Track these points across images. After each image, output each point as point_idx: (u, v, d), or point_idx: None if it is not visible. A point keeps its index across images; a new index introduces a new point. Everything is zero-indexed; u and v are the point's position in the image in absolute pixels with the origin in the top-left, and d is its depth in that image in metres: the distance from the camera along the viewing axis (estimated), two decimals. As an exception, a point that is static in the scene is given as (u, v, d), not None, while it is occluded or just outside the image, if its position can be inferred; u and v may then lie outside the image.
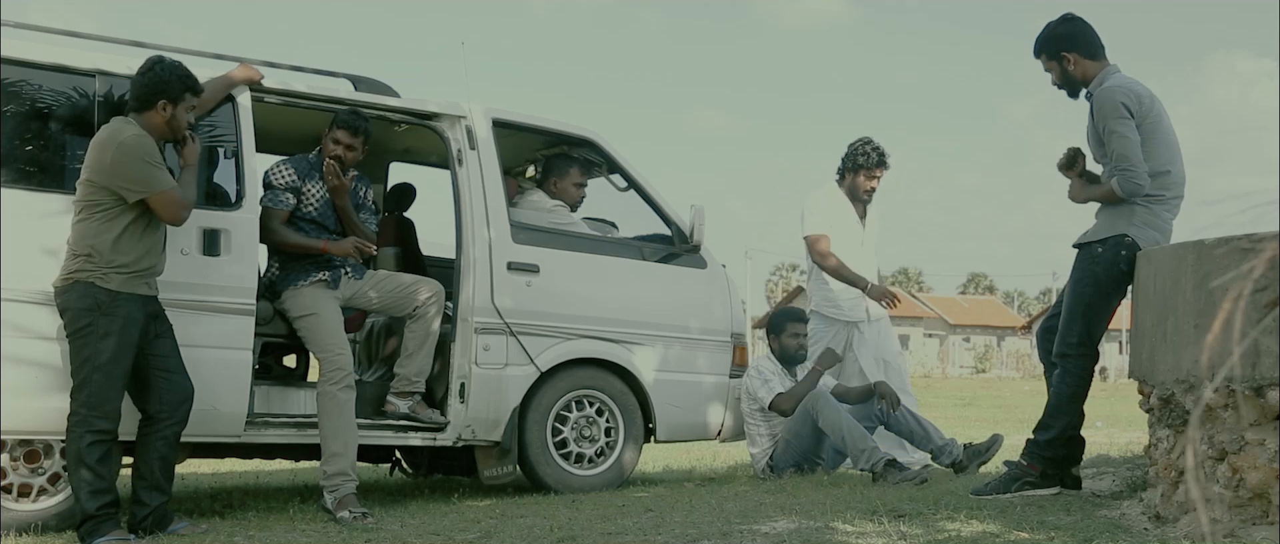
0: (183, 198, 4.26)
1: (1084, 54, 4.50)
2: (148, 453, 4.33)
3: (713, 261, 6.02)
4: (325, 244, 5.02)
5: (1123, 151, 4.29)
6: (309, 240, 5.03)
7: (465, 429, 5.32)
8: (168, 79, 4.27)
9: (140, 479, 4.32)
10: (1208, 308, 3.27)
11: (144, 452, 4.34)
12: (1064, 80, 4.55)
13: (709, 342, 5.97)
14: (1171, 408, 3.59)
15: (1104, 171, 4.47)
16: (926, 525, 3.88)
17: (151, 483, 4.32)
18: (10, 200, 4.35)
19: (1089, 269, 4.38)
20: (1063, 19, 4.56)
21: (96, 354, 4.12)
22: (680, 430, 5.95)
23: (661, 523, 4.22)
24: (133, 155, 4.13)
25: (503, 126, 5.60)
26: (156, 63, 4.31)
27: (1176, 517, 3.53)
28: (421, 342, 5.22)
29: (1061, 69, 4.53)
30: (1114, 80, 4.42)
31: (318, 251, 5.02)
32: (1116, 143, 4.30)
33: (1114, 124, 4.31)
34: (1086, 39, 4.52)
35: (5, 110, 4.48)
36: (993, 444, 5.76)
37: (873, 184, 6.53)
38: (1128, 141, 4.29)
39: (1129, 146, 4.29)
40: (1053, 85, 4.59)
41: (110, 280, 4.13)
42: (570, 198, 5.91)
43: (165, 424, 4.34)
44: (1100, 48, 4.52)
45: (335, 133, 5.06)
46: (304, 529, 4.45)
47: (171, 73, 4.29)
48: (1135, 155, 4.28)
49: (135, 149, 4.14)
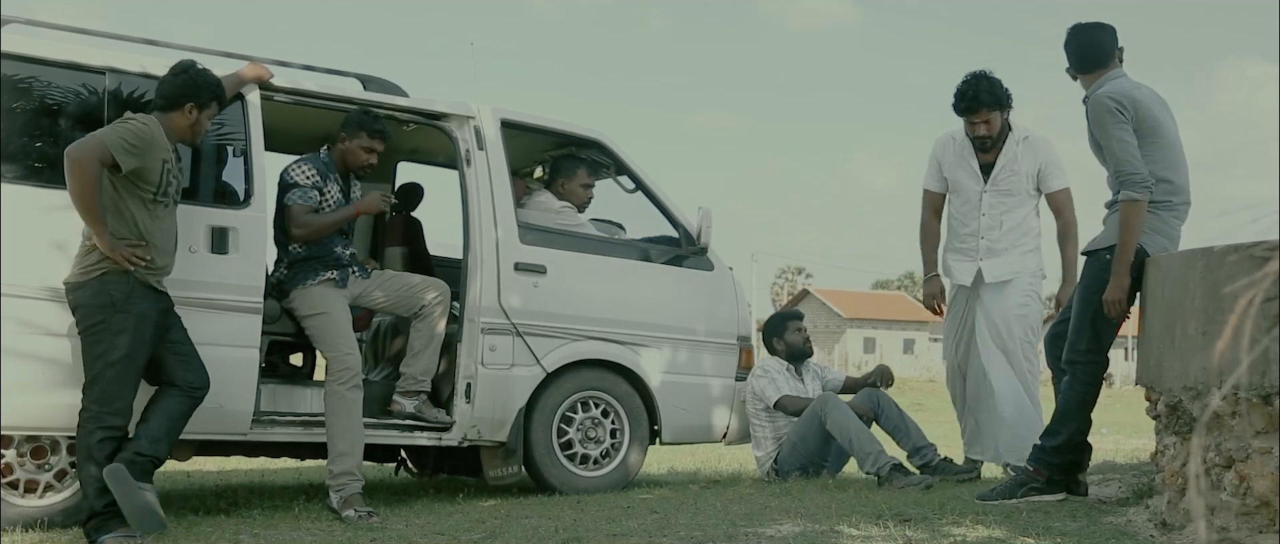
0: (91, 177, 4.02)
1: (1081, 68, 4.50)
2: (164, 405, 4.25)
3: (720, 264, 6.02)
4: (356, 206, 5.12)
5: (1121, 156, 4.26)
6: (341, 212, 5.08)
7: (471, 429, 5.32)
8: (200, 84, 4.32)
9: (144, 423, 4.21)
10: (1216, 315, 3.26)
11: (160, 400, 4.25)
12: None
13: (715, 344, 5.97)
14: (1179, 415, 3.58)
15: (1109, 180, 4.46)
16: (932, 530, 3.87)
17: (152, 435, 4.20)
18: (19, 196, 4.36)
19: (1098, 275, 4.37)
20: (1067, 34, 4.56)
21: (110, 350, 4.12)
22: (686, 432, 5.95)
23: (666, 525, 4.22)
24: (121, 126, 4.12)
25: (511, 127, 5.60)
26: (191, 66, 4.37)
27: (1183, 524, 3.53)
28: (427, 341, 5.22)
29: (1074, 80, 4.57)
30: (1109, 86, 4.39)
31: (351, 217, 5.12)
32: (1115, 147, 4.27)
33: (1110, 128, 4.28)
34: (1080, 53, 4.50)
35: (15, 106, 4.50)
36: (971, 470, 5.68)
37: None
38: (1124, 145, 4.26)
39: (1126, 149, 4.26)
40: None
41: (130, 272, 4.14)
42: (578, 199, 5.91)
43: (189, 390, 4.29)
44: (1099, 58, 4.47)
45: (363, 139, 5.10)
46: (309, 528, 4.46)
47: (204, 78, 4.35)
48: (1133, 156, 4.25)
49: (131, 124, 4.13)
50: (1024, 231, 5.54)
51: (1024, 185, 5.52)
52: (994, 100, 5.42)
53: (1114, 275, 4.23)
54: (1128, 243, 4.21)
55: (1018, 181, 5.51)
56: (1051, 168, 5.53)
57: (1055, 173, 5.54)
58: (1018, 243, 5.52)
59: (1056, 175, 5.55)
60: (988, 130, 5.46)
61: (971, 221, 5.58)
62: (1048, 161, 5.53)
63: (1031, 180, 5.54)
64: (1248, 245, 3.09)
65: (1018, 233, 5.52)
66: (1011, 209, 5.52)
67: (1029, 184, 5.54)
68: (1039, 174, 5.53)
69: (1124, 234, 4.22)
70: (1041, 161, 5.52)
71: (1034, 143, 5.54)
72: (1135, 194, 4.22)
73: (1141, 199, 4.22)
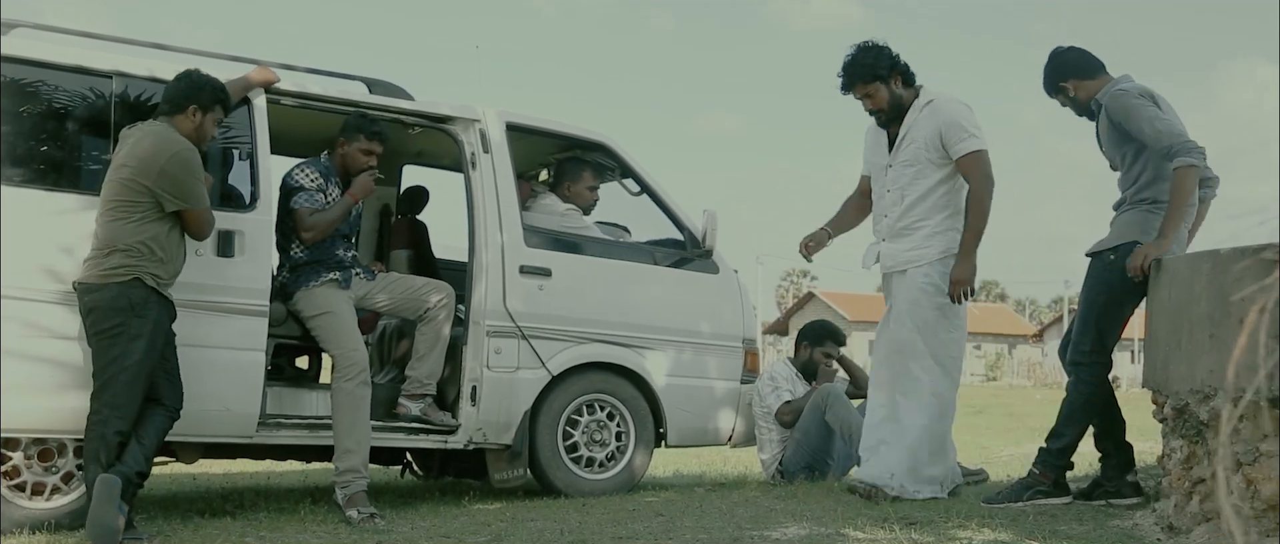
0: (211, 218, 4.39)
1: (1082, 76, 4.53)
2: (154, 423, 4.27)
3: (725, 266, 6.01)
4: (351, 193, 5.10)
5: (1163, 130, 4.23)
6: (340, 205, 5.08)
7: (476, 432, 5.32)
8: (202, 86, 4.39)
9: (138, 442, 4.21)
10: (1223, 318, 3.25)
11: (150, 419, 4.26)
12: (1074, 105, 4.58)
13: (720, 346, 5.96)
14: (1185, 418, 3.57)
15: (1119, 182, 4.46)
16: (938, 533, 3.87)
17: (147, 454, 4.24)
18: (28, 200, 4.37)
19: (1103, 277, 4.38)
20: (1049, 56, 4.61)
21: (125, 355, 4.13)
22: (691, 435, 5.95)
23: (672, 528, 4.22)
24: (185, 167, 4.21)
25: (516, 130, 5.60)
26: (195, 71, 4.46)
27: (1190, 527, 3.52)
28: (432, 344, 5.23)
29: (1067, 98, 4.57)
30: (1123, 84, 4.42)
31: (350, 207, 5.10)
32: (1156, 124, 4.24)
33: (1141, 112, 4.28)
34: (1079, 63, 4.54)
35: (23, 110, 4.51)
36: (977, 474, 5.64)
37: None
38: (1161, 120, 4.26)
39: (1166, 124, 4.25)
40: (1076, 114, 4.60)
41: (151, 278, 4.17)
42: (583, 202, 5.91)
43: (173, 411, 4.33)
44: (1098, 65, 4.54)
45: (362, 142, 5.11)
46: (315, 530, 4.46)
47: (207, 82, 4.42)
48: (1174, 128, 4.25)
49: (187, 162, 4.23)
50: (934, 208, 4.91)
51: (924, 154, 4.89)
52: (865, 73, 4.92)
53: (1162, 236, 4.15)
54: (1179, 207, 4.17)
55: (917, 150, 4.91)
56: (951, 130, 4.85)
57: (956, 134, 4.85)
58: (922, 223, 4.91)
59: (959, 137, 4.85)
60: (873, 104, 4.97)
61: (880, 200, 5.07)
62: (947, 123, 4.86)
63: (932, 148, 4.88)
64: (1255, 248, 3.08)
65: (925, 209, 4.91)
66: (914, 181, 4.92)
67: (930, 152, 4.89)
68: (941, 140, 4.87)
69: (1177, 198, 4.18)
70: (940, 124, 4.87)
71: (937, 106, 4.92)
72: (1190, 160, 4.19)
73: (1197, 164, 4.20)
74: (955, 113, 4.90)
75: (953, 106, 4.92)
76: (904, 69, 4.98)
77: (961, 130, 4.86)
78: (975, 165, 4.85)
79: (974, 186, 4.86)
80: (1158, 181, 4.32)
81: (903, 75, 4.97)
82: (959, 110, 4.91)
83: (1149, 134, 4.26)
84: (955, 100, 4.96)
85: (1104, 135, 4.49)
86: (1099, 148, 4.57)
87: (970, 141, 4.85)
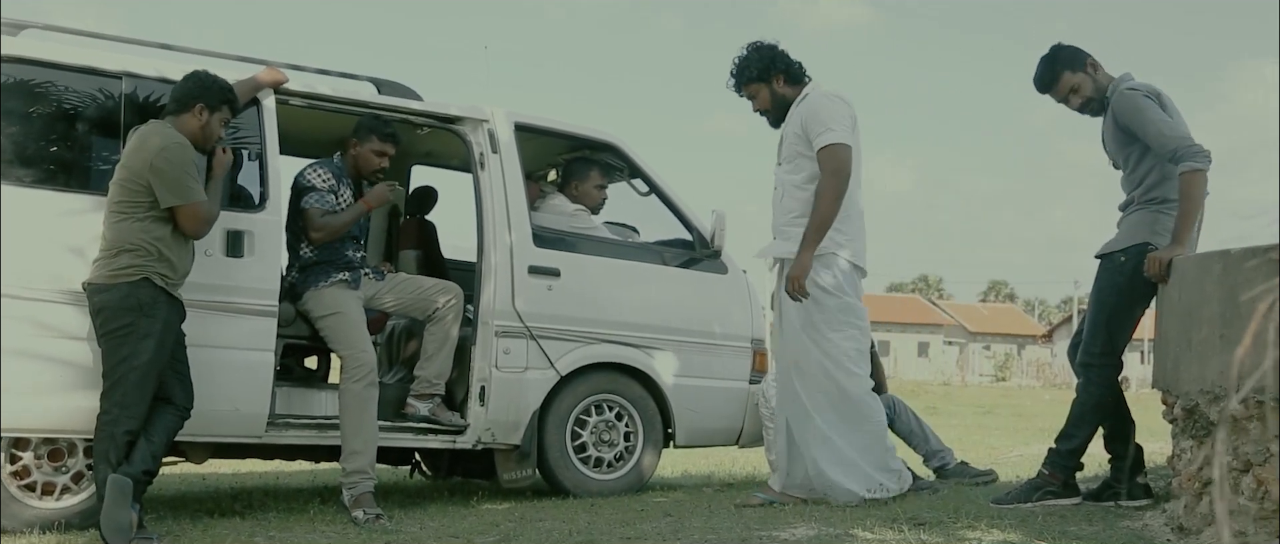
0: (208, 213, 4.33)
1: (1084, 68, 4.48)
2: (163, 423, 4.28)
3: (733, 267, 6.01)
4: (365, 200, 5.13)
5: (1169, 134, 4.20)
6: (353, 209, 5.11)
7: (485, 432, 5.33)
8: (208, 86, 4.40)
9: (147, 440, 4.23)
10: (1234, 318, 3.24)
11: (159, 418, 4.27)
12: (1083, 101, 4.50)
13: (729, 347, 5.96)
14: (1195, 419, 3.56)
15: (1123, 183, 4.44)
16: (947, 534, 3.86)
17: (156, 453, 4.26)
18: (37, 200, 4.39)
19: (1112, 278, 4.36)
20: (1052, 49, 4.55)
21: (135, 355, 4.14)
22: (699, 435, 5.94)
23: (680, 528, 4.22)
24: (173, 161, 4.19)
25: (525, 130, 5.61)
26: (202, 72, 4.46)
27: (1200, 528, 3.51)
28: (440, 344, 5.23)
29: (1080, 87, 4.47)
30: (1131, 83, 4.40)
31: (363, 213, 5.14)
32: (1162, 128, 4.22)
33: (1148, 114, 4.26)
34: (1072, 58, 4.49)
35: (32, 111, 4.52)
36: (987, 475, 5.65)
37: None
38: (1167, 123, 4.24)
39: (1172, 127, 4.23)
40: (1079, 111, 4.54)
41: (160, 278, 4.18)
42: (591, 202, 5.91)
43: (182, 410, 4.34)
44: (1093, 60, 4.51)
45: (374, 143, 5.15)
46: (323, 530, 4.47)
47: (213, 82, 4.42)
48: (1181, 131, 4.23)
49: (176, 156, 4.21)
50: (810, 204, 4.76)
51: (796, 148, 4.81)
52: (747, 75, 4.90)
53: (1176, 241, 4.10)
54: (1191, 213, 4.13)
55: (790, 147, 4.85)
56: (812, 123, 4.74)
57: (815, 127, 4.73)
58: (801, 219, 4.78)
59: (817, 131, 4.73)
60: (757, 105, 4.94)
61: (773, 198, 5.00)
62: (809, 116, 4.76)
63: (802, 142, 4.79)
64: (1264, 248, 3.07)
65: (802, 205, 4.79)
66: (791, 176, 4.84)
67: (801, 146, 4.79)
68: (805, 134, 4.78)
69: (1187, 205, 4.14)
70: (803, 118, 4.78)
71: (809, 100, 4.83)
72: (1196, 164, 4.16)
73: (1204, 168, 4.17)
74: (818, 105, 4.79)
75: (819, 100, 4.82)
76: (788, 68, 4.91)
77: (820, 123, 4.74)
78: (827, 159, 4.71)
79: (821, 180, 4.73)
80: (1166, 181, 4.30)
81: (785, 74, 4.91)
82: (822, 103, 4.80)
83: (1153, 136, 4.24)
84: (828, 95, 4.86)
85: (1109, 134, 4.47)
86: (1103, 147, 4.55)
87: (826, 135, 4.72)
